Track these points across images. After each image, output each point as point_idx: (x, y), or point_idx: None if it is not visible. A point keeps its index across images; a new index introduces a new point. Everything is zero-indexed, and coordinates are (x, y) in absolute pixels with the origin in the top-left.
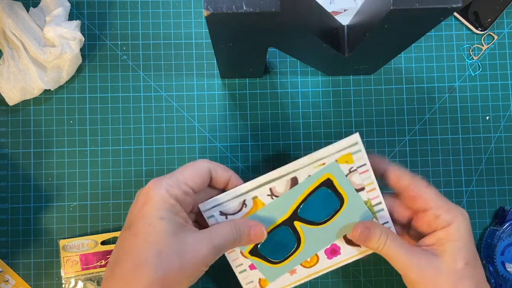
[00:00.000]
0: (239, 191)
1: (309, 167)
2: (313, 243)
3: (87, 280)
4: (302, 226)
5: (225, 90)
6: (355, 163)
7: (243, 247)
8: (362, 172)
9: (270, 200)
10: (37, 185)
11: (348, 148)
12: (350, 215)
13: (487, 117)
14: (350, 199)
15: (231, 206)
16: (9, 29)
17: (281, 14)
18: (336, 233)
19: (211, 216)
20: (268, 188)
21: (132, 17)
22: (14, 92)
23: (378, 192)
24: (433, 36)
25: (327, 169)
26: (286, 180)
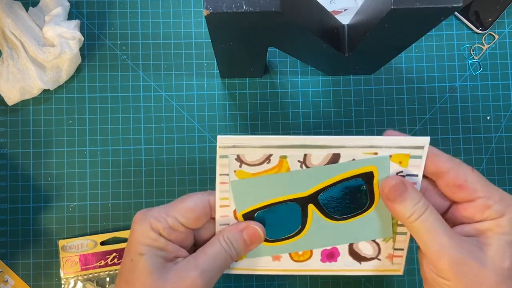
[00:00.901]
0: (269, 141)
1: (358, 149)
2: (316, 236)
3: (86, 280)
4: (315, 213)
5: (225, 90)
6: (408, 168)
7: (239, 207)
8: None
9: (298, 168)
10: (36, 185)
11: (411, 149)
12: (371, 224)
13: (488, 117)
14: (380, 206)
15: (253, 154)
16: (8, 29)
17: (281, 13)
18: (345, 237)
19: (225, 156)
20: (303, 154)
21: (131, 16)
22: (13, 92)
23: None
24: (433, 35)
25: (376, 161)
26: (327, 153)
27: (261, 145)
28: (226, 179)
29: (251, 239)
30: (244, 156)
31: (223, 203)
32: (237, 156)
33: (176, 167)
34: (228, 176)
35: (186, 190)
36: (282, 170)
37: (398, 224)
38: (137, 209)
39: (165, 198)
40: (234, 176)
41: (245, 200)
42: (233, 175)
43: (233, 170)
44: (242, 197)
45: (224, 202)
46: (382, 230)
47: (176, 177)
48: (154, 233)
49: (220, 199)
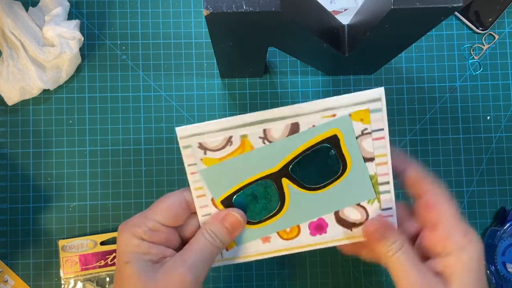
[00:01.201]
0: (226, 123)
1: (315, 115)
2: (298, 210)
3: (86, 280)
4: (290, 187)
5: (225, 90)
6: (371, 124)
7: (215, 194)
8: (376, 138)
9: (261, 144)
10: (36, 185)
11: (368, 103)
12: (350, 188)
13: (488, 117)
14: (354, 168)
15: (214, 139)
16: (8, 29)
17: (281, 13)
18: (327, 206)
19: (188, 146)
20: (262, 129)
21: (131, 16)
22: (13, 92)
23: (389, 168)
24: (433, 35)
25: (337, 123)
26: (286, 124)
27: (219, 128)
28: (195, 169)
29: (232, 226)
30: (206, 143)
31: (199, 193)
32: (199, 144)
33: (176, 167)
34: (196, 165)
35: None
36: (246, 149)
37: (379, 183)
38: (137, 209)
39: None
40: (202, 165)
41: (219, 186)
42: (200, 164)
43: (199, 159)
44: (216, 184)
45: (199, 192)
46: (363, 192)
47: (176, 177)
48: (136, 239)
49: (194, 189)
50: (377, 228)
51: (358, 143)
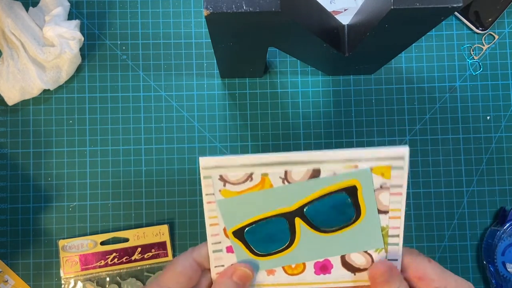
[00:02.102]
0: (249, 160)
1: (338, 163)
2: (307, 249)
3: (86, 280)
4: (302, 227)
5: (225, 90)
6: (391, 180)
7: (228, 225)
8: (393, 194)
9: (280, 184)
10: (37, 185)
11: (391, 160)
12: (360, 235)
13: (488, 117)
14: (367, 218)
15: (235, 174)
16: (9, 29)
17: (281, 13)
18: (335, 248)
19: (209, 176)
20: (284, 170)
21: (131, 16)
22: (13, 92)
23: (401, 223)
24: (433, 35)
25: (357, 174)
26: (307, 168)
27: (241, 164)
28: (212, 199)
29: (241, 279)
30: (227, 176)
31: (212, 221)
32: (220, 176)
33: (176, 167)
34: (214, 195)
35: (186, 190)
36: (265, 187)
37: (389, 235)
38: (137, 209)
39: (165, 198)
40: (220, 195)
41: (233, 217)
42: (218, 195)
43: (218, 190)
44: (230, 215)
45: (213, 221)
46: (372, 241)
47: (176, 177)
48: None
49: (209, 218)
50: (383, 271)
51: (375, 196)
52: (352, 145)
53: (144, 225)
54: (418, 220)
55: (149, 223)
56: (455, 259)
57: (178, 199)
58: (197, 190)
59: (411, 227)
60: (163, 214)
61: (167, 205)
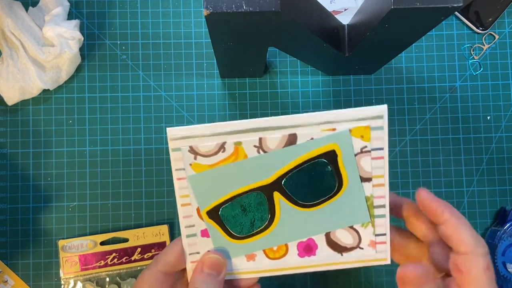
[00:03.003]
0: (221, 128)
1: (314, 127)
2: (288, 228)
3: (86, 280)
4: (282, 202)
5: (225, 90)
6: (371, 142)
7: (201, 204)
8: (375, 158)
9: (255, 154)
10: (36, 185)
11: (369, 120)
12: (344, 208)
13: (488, 117)
14: (350, 187)
15: (206, 144)
16: (8, 29)
17: (281, 13)
18: (319, 225)
19: (178, 149)
20: (258, 138)
21: (131, 16)
22: (13, 92)
23: (386, 190)
24: (434, 35)
25: (336, 137)
26: (282, 134)
27: (213, 133)
28: (183, 174)
29: (214, 268)
30: (197, 147)
31: (184, 201)
32: (190, 147)
33: None
34: (184, 170)
35: None
36: (239, 158)
37: (374, 206)
38: (137, 209)
39: (165, 198)
40: (190, 170)
41: (207, 195)
42: (189, 169)
43: (188, 164)
44: (203, 193)
45: (184, 200)
46: (357, 214)
47: None
48: None
49: (180, 197)
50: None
51: (356, 161)
52: None
53: (144, 225)
54: None
55: (149, 223)
56: None
57: None
58: None
59: None
60: (163, 214)
61: (167, 205)
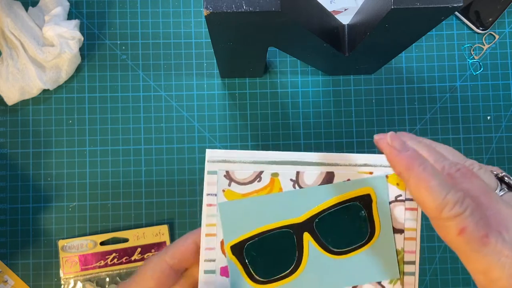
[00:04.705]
0: (259, 156)
1: (351, 168)
2: (314, 276)
3: (86, 280)
4: (311, 245)
5: (225, 89)
6: (406, 191)
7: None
8: (409, 208)
9: (290, 188)
10: (36, 185)
11: None
12: (374, 260)
13: (488, 117)
14: (382, 237)
15: (243, 171)
16: (8, 29)
17: (281, 13)
18: (347, 277)
19: (213, 172)
20: (295, 171)
21: (131, 16)
22: (13, 91)
23: (417, 246)
24: (434, 35)
25: (372, 181)
26: (320, 171)
27: (251, 160)
28: (213, 200)
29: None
30: (233, 173)
31: (209, 231)
32: (226, 172)
33: (175, 167)
34: (216, 196)
35: (186, 190)
36: (274, 190)
37: (404, 261)
38: (137, 209)
39: (165, 198)
40: (222, 197)
41: (234, 227)
42: (221, 196)
43: (221, 189)
44: (231, 224)
45: (210, 230)
46: (387, 268)
47: (176, 177)
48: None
49: (206, 225)
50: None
51: (390, 209)
52: (352, 145)
53: (144, 225)
54: None
55: (148, 223)
56: (455, 259)
57: (178, 199)
58: (197, 190)
59: None
60: (163, 214)
61: (167, 205)
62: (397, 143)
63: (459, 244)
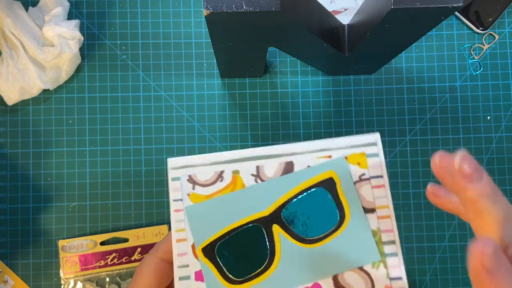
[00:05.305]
0: (218, 157)
1: (310, 155)
2: (290, 269)
3: (86, 280)
4: (282, 236)
5: (225, 89)
6: (369, 170)
7: (197, 239)
8: (376, 186)
9: (253, 183)
10: (36, 185)
11: (363, 146)
12: (350, 243)
13: (488, 117)
14: (354, 219)
15: (205, 173)
16: (8, 29)
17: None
18: (325, 267)
19: (177, 178)
20: (255, 166)
21: (131, 16)
22: (13, 91)
23: (393, 224)
24: (434, 35)
25: (333, 164)
26: (279, 162)
27: (212, 161)
28: (180, 206)
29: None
30: (196, 176)
31: (180, 236)
32: (189, 176)
33: None
34: (181, 201)
35: None
36: (237, 187)
37: (383, 241)
38: (137, 209)
39: (165, 198)
40: (188, 201)
41: (203, 229)
42: (187, 200)
43: (186, 194)
44: (200, 226)
45: (180, 235)
46: (366, 251)
47: None
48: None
49: (176, 231)
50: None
51: (356, 189)
52: None
53: (144, 225)
54: (419, 220)
55: (148, 223)
56: (455, 259)
57: None
58: None
59: (411, 227)
60: (163, 214)
61: (167, 205)
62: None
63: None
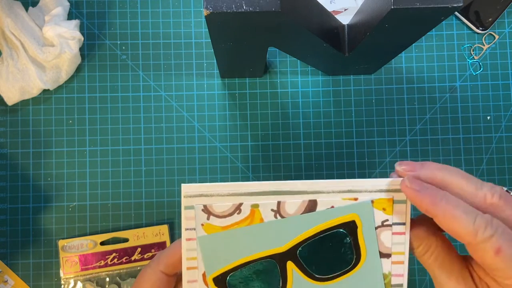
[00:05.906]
0: (238, 188)
1: (335, 195)
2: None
3: (86, 280)
4: (295, 273)
5: (225, 89)
6: (393, 216)
7: (208, 269)
8: (396, 233)
9: (272, 218)
10: (36, 185)
11: (393, 192)
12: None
13: (488, 117)
14: (368, 263)
15: (222, 204)
16: (8, 29)
17: (281, 13)
18: None
19: (190, 207)
20: (276, 201)
21: (131, 16)
22: (13, 91)
23: (405, 269)
24: (434, 35)
25: (358, 208)
26: (303, 200)
27: (229, 192)
28: (193, 235)
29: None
30: (211, 206)
31: (191, 264)
32: (204, 206)
33: (176, 167)
34: (194, 231)
35: None
36: (255, 221)
37: (392, 285)
38: (137, 209)
39: (165, 198)
40: (201, 231)
41: (216, 260)
42: (200, 230)
43: (200, 224)
44: (212, 256)
45: (191, 263)
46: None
47: (176, 178)
48: None
49: (187, 259)
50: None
51: (376, 235)
52: (352, 145)
53: (144, 225)
54: None
55: (148, 223)
56: None
57: (178, 199)
58: None
59: None
60: (163, 214)
61: (167, 205)
62: (416, 184)
63: (498, 264)
